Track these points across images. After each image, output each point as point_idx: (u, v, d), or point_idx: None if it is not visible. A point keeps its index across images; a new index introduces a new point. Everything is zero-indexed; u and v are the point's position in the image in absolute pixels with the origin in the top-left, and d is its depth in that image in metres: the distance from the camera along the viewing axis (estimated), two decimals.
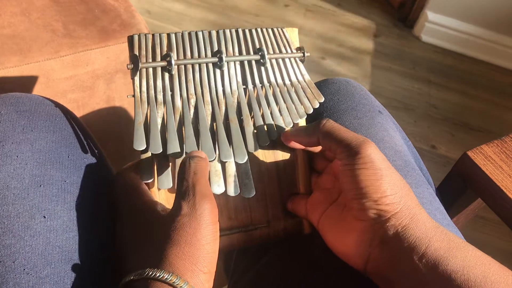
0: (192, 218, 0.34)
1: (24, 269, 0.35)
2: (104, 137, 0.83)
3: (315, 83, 0.58)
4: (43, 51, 0.72)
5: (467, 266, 0.34)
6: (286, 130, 0.43)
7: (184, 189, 0.35)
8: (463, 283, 0.33)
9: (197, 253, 0.33)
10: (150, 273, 0.32)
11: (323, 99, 0.47)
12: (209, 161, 0.41)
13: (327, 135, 0.39)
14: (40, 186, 0.39)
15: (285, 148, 0.45)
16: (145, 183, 0.40)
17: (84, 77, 0.76)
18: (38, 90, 0.73)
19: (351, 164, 0.37)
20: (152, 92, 0.42)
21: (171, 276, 0.32)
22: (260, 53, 0.45)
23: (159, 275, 0.32)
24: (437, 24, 1.74)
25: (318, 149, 0.45)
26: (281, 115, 0.44)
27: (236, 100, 0.44)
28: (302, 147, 0.44)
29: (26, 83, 0.71)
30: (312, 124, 0.41)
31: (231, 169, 0.41)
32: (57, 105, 0.46)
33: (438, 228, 0.36)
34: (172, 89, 0.42)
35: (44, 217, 0.38)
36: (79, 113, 0.79)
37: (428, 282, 0.34)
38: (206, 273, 0.34)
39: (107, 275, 0.39)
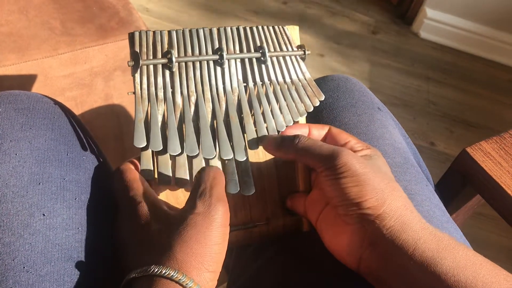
0: (206, 218, 0.34)
1: (24, 267, 0.35)
2: (102, 135, 0.83)
3: (314, 80, 0.57)
4: (41, 49, 0.71)
5: (457, 267, 0.33)
6: (267, 137, 0.42)
7: (201, 190, 0.36)
8: (454, 285, 0.33)
9: (205, 251, 0.33)
10: (156, 270, 0.32)
11: (324, 97, 0.46)
12: (209, 159, 0.41)
13: (302, 152, 0.39)
14: (39, 184, 0.39)
15: None
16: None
17: (82, 74, 0.76)
18: (36, 88, 0.72)
19: (330, 174, 0.37)
20: (152, 89, 0.42)
21: (177, 273, 0.31)
22: (260, 51, 0.45)
23: (164, 272, 0.31)
24: (436, 21, 1.74)
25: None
26: (281, 113, 0.44)
27: (236, 98, 0.44)
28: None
29: (24, 81, 0.71)
30: (288, 137, 0.41)
31: (231, 166, 0.41)
32: (56, 103, 0.46)
33: (426, 230, 0.36)
34: (172, 87, 0.42)
35: (44, 215, 0.37)
36: (77, 111, 0.78)
37: (419, 283, 0.34)
38: (211, 272, 0.33)
39: (107, 273, 0.39)
